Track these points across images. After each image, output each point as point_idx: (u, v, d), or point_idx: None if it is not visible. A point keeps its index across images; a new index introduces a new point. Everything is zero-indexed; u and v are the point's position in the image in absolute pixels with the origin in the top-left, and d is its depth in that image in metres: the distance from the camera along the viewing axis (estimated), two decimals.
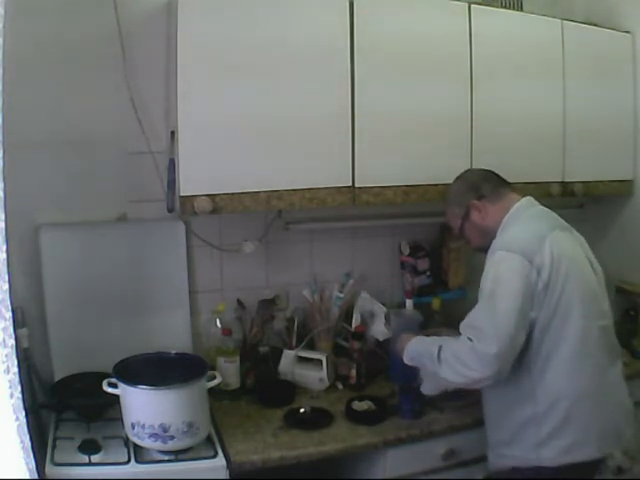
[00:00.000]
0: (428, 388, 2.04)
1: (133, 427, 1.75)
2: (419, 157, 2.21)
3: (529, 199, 1.97)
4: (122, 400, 1.78)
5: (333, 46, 2.06)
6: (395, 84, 2.15)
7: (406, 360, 1.95)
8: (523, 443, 1.82)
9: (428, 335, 2.01)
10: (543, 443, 1.78)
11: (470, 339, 1.73)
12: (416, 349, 1.93)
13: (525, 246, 1.77)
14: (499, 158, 2.32)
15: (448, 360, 1.77)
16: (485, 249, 1.92)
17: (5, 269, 1.24)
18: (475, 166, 2.29)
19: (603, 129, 2.57)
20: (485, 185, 1.98)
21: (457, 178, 2.08)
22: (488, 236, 1.93)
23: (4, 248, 1.24)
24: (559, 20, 2.43)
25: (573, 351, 1.76)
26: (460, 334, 1.79)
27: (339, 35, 2.06)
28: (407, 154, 2.20)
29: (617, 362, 1.88)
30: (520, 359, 1.76)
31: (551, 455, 1.77)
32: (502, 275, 1.77)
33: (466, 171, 2.11)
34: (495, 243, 1.87)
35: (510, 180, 2.35)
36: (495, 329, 1.70)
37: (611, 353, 1.86)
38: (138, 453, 1.78)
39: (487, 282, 1.80)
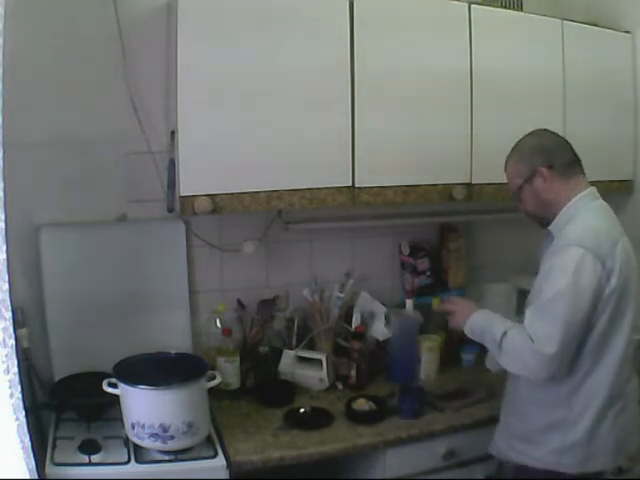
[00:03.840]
0: (491, 364, 2.04)
1: (133, 427, 1.75)
2: (419, 157, 2.21)
3: (594, 190, 1.84)
4: (122, 400, 1.78)
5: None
6: (396, 94, 2.15)
7: (466, 330, 1.87)
8: (545, 446, 1.78)
9: None
10: (566, 449, 1.75)
11: (532, 339, 1.67)
12: (480, 323, 1.84)
13: (599, 247, 1.68)
14: (499, 157, 2.31)
15: (509, 350, 1.73)
16: (537, 219, 1.87)
17: (5, 269, 1.24)
18: (475, 165, 2.29)
19: (603, 129, 2.57)
20: (559, 155, 1.81)
21: (531, 134, 1.88)
22: (545, 209, 1.82)
23: (4, 248, 1.24)
24: (559, 20, 2.43)
25: (615, 363, 1.74)
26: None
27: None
28: (407, 154, 2.19)
29: (634, 374, 1.85)
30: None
31: (571, 462, 1.75)
32: (577, 275, 1.66)
33: (543, 130, 1.89)
34: (567, 233, 1.74)
35: None
36: (559, 332, 1.64)
37: (633, 365, 1.84)
38: (138, 453, 1.78)
39: (559, 277, 1.68)
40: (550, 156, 1.80)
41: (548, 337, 1.65)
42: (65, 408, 1.95)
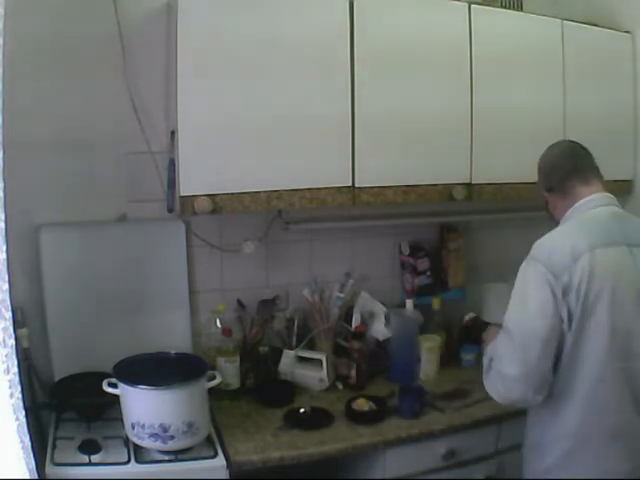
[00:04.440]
0: None
1: (133, 427, 1.75)
2: (419, 157, 2.21)
3: (604, 196, 1.74)
4: (122, 400, 1.78)
5: (333, 47, 2.06)
6: (395, 84, 2.15)
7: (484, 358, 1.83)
8: (527, 467, 1.77)
9: None
10: (540, 475, 1.70)
11: (496, 357, 1.65)
12: (487, 352, 1.79)
13: (552, 261, 1.59)
14: (499, 158, 2.32)
15: (491, 375, 1.69)
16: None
17: (5, 269, 1.24)
18: (475, 165, 2.29)
19: (603, 129, 2.56)
20: (554, 175, 1.79)
21: (543, 155, 1.87)
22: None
23: (4, 248, 1.24)
24: (559, 20, 2.43)
25: (584, 395, 1.60)
26: None
27: (339, 36, 2.06)
28: (407, 154, 2.20)
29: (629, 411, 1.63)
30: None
31: None
32: (525, 286, 1.63)
33: (548, 149, 1.87)
34: (535, 243, 1.70)
35: (510, 180, 2.37)
36: (517, 351, 1.58)
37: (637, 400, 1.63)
38: (138, 453, 1.78)
39: (513, 295, 1.66)
40: (548, 180, 1.81)
41: (509, 359, 1.60)
42: (65, 408, 1.95)
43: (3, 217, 1.24)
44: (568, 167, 1.78)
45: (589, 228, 1.67)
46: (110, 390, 1.79)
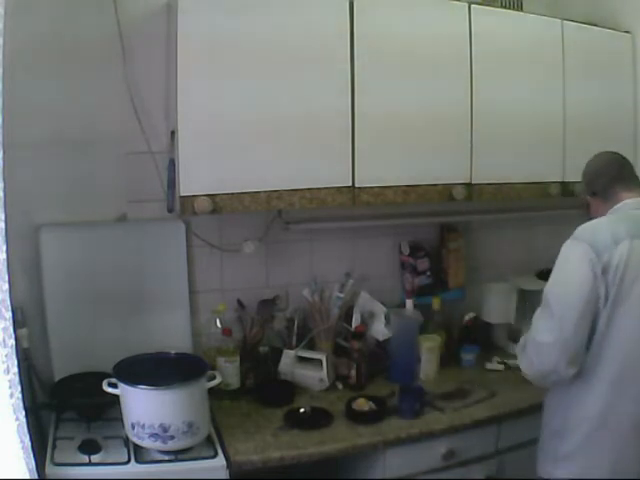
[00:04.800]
0: None
1: (133, 427, 1.75)
2: (419, 157, 2.21)
3: (634, 201, 1.82)
4: (122, 400, 1.78)
5: (333, 46, 2.06)
6: (395, 85, 2.15)
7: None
8: (546, 454, 1.79)
9: None
10: (560, 461, 1.75)
11: (533, 329, 1.73)
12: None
13: (595, 240, 1.68)
14: (499, 158, 2.32)
15: (525, 352, 1.78)
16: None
17: (5, 269, 1.24)
18: (475, 164, 2.29)
19: (603, 129, 2.56)
20: (597, 181, 1.88)
21: (589, 162, 1.96)
22: None
23: (4, 248, 1.24)
24: (559, 20, 2.43)
25: (609, 378, 1.67)
26: None
27: (339, 35, 2.06)
28: (407, 154, 2.20)
29: None
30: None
31: (565, 474, 1.73)
32: (567, 263, 1.72)
33: (596, 156, 1.96)
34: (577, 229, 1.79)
35: (510, 180, 2.37)
36: (555, 320, 1.67)
37: None
38: (138, 453, 1.78)
39: (554, 270, 1.76)
40: (592, 185, 1.90)
41: (546, 327, 1.68)
42: (65, 408, 1.95)
43: (3, 217, 1.24)
44: (612, 174, 1.87)
45: (628, 222, 1.75)
46: (110, 390, 1.79)
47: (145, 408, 1.74)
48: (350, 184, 2.13)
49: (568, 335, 1.65)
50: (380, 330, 2.40)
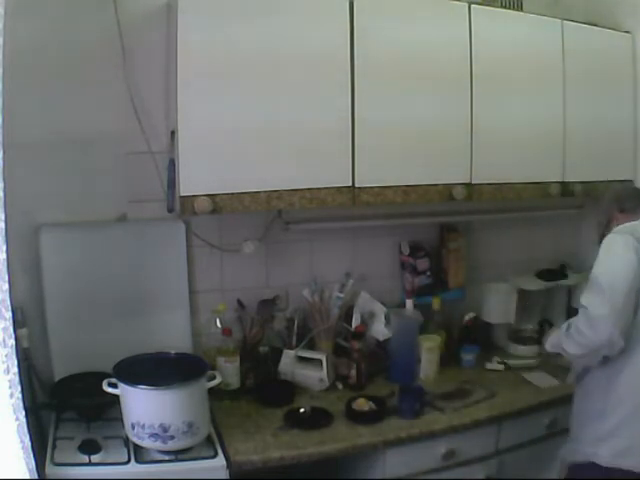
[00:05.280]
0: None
1: (133, 427, 1.75)
2: (419, 157, 2.21)
3: None
4: (122, 400, 1.78)
5: (334, 48, 2.06)
6: (396, 85, 2.15)
7: (547, 347, 2.10)
8: (585, 437, 1.87)
9: None
10: (601, 440, 1.83)
11: (584, 306, 1.83)
12: (554, 335, 2.05)
13: (636, 232, 1.86)
14: (499, 158, 2.32)
15: (571, 333, 1.88)
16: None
17: (5, 269, 1.24)
18: (475, 165, 2.30)
19: (603, 129, 2.57)
20: (629, 200, 2.06)
21: (616, 187, 2.27)
22: None
23: (4, 248, 1.24)
24: (559, 20, 2.43)
25: None
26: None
27: (339, 41, 2.06)
28: (407, 154, 2.19)
29: None
30: None
31: (607, 454, 1.81)
32: (613, 250, 1.86)
33: (620, 186, 2.32)
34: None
35: (510, 180, 2.37)
36: (606, 296, 1.78)
37: None
38: (138, 453, 1.78)
39: (600, 256, 1.88)
40: (622, 202, 2.05)
41: (598, 302, 1.80)
42: (65, 408, 1.95)
43: (3, 217, 1.24)
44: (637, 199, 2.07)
45: None
46: (110, 390, 1.79)
47: (145, 408, 1.74)
48: (350, 184, 2.13)
49: (619, 306, 1.77)
50: (380, 330, 2.40)
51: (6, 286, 1.23)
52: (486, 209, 2.62)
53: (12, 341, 1.25)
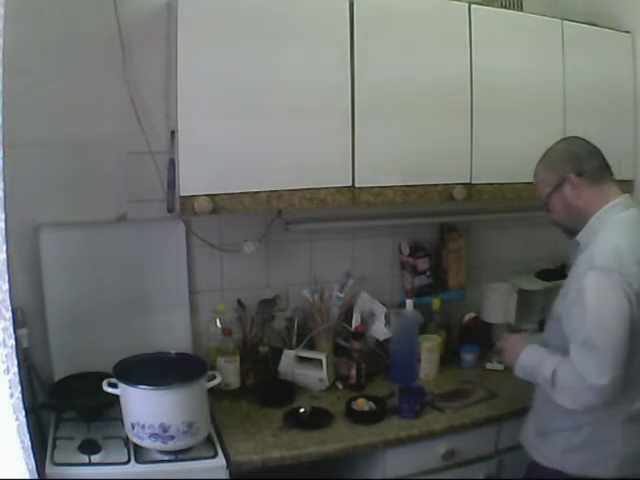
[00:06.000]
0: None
1: (133, 427, 1.75)
2: (419, 157, 2.21)
3: (627, 198, 1.81)
4: (122, 400, 1.78)
5: (334, 49, 2.06)
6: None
7: (516, 372, 1.87)
8: (553, 444, 1.81)
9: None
10: (571, 451, 1.77)
11: (581, 373, 1.65)
12: (529, 363, 1.82)
13: (623, 268, 1.64)
14: (499, 157, 2.32)
15: (563, 388, 1.70)
16: (565, 228, 1.85)
17: (5, 269, 1.24)
18: (475, 164, 2.29)
19: (603, 129, 2.56)
20: (590, 162, 1.79)
21: (561, 141, 1.89)
22: (574, 217, 1.80)
23: (4, 248, 1.24)
24: (559, 20, 2.43)
25: (628, 378, 1.68)
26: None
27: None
28: (407, 154, 2.19)
29: None
30: None
31: (575, 464, 1.76)
32: (603, 298, 1.65)
33: (573, 137, 1.88)
34: (592, 252, 1.71)
35: (510, 180, 2.37)
36: (608, 362, 1.62)
37: None
38: (138, 453, 1.78)
39: (590, 305, 1.66)
40: (581, 163, 1.79)
41: (599, 370, 1.63)
42: (65, 408, 1.95)
43: (3, 217, 1.24)
44: (603, 160, 1.83)
45: (636, 232, 1.74)
46: (110, 390, 1.79)
47: (145, 408, 1.74)
48: (350, 184, 2.13)
49: (620, 372, 1.63)
50: (380, 330, 2.40)
51: (6, 286, 1.23)
52: (486, 209, 2.62)
53: (12, 341, 1.25)
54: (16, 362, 1.27)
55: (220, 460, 1.79)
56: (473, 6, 2.24)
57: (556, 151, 1.86)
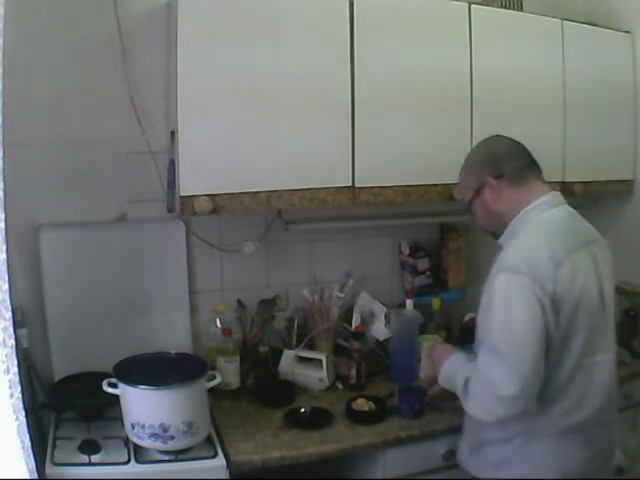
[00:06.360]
0: None
1: (133, 427, 1.75)
2: (419, 157, 2.21)
3: (555, 195, 1.72)
4: (122, 400, 1.78)
5: (334, 49, 2.06)
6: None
7: (440, 380, 1.81)
8: (486, 457, 1.72)
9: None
10: (503, 463, 1.68)
11: (488, 380, 1.57)
12: (449, 372, 1.75)
13: (536, 271, 1.54)
14: None
15: (474, 397, 1.62)
16: (490, 232, 1.78)
17: (5, 269, 1.24)
18: None
19: (603, 129, 2.57)
20: (508, 163, 1.70)
21: (481, 143, 1.82)
22: (496, 221, 1.74)
23: (4, 248, 1.24)
24: (559, 20, 2.43)
25: (558, 387, 1.61)
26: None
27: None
28: (407, 154, 2.19)
29: (612, 399, 1.71)
30: None
31: (509, 477, 1.66)
32: (510, 303, 1.56)
33: (494, 137, 1.80)
34: (505, 254, 1.64)
35: None
36: (514, 371, 1.52)
37: (610, 388, 1.69)
38: (138, 453, 1.78)
39: (498, 311, 1.58)
40: (499, 165, 1.71)
41: (506, 379, 1.53)
42: (65, 408, 1.95)
43: (3, 217, 1.24)
44: (526, 158, 1.73)
45: (557, 232, 1.65)
46: (110, 390, 1.79)
47: (145, 408, 1.74)
48: (350, 184, 2.13)
49: (529, 382, 1.53)
50: (380, 330, 2.40)
51: (6, 286, 1.23)
52: None
53: (12, 341, 1.25)
54: (16, 362, 1.27)
55: (220, 460, 1.79)
56: (473, 6, 2.24)
57: (475, 154, 1.80)
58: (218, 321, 2.24)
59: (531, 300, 1.53)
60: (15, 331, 1.28)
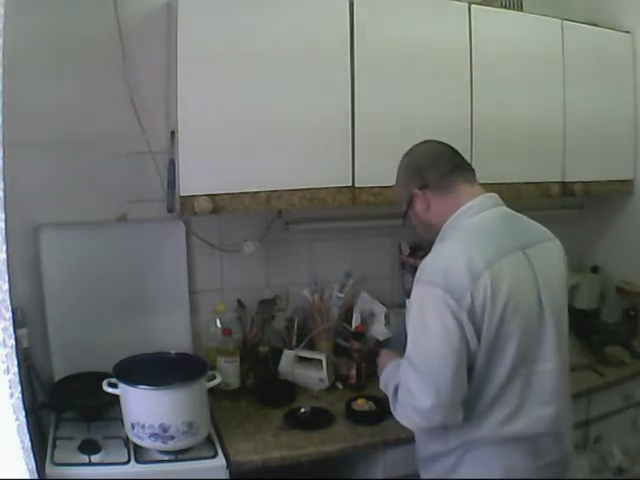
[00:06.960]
0: None
1: (133, 427, 1.75)
2: None
3: (489, 197, 1.64)
4: (122, 400, 1.78)
5: (333, 47, 2.06)
6: (395, 85, 2.15)
7: (380, 385, 1.75)
8: (433, 471, 1.68)
9: None
10: (450, 475, 1.62)
11: (408, 388, 1.51)
12: (387, 376, 1.70)
13: (451, 284, 1.46)
14: (499, 158, 2.32)
15: (400, 406, 1.57)
16: (431, 241, 1.71)
17: (5, 269, 1.24)
18: (474, 164, 2.27)
19: (603, 129, 2.57)
20: (430, 172, 1.64)
21: (406, 153, 1.74)
22: (431, 230, 1.68)
23: (4, 248, 1.24)
24: (559, 20, 2.43)
25: (492, 397, 1.54)
26: None
27: (339, 37, 2.06)
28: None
29: (564, 405, 1.61)
30: None
31: None
32: (424, 315, 1.50)
33: (419, 145, 1.73)
34: (423, 264, 1.57)
35: (510, 180, 2.36)
36: (429, 383, 1.47)
37: (555, 398, 1.58)
38: (138, 453, 1.78)
39: (413, 323, 1.54)
40: (422, 175, 1.65)
41: (421, 390, 1.48)
42: (65, 408, 1.95)
43: (3, 217, 1.24)
44: (449, 163, 1.66)
45: (481, 239, 1.56)
46: (110, 390, 1.79)
47: (145, 408, 1.74)
48: (350, 184, 2.14)
49: (446, 395, 1.46)
50: (380, 330, 2.40)
51: (6, 286, 1.23)
52: None
53: (12, 341, 1.25)
54: (16, 362, 1.27)
55: (220, 460, 1.79)
56: (473, 6, 2.25)
57: (401, 167, 1.75)
58: (218, 321, 2.24)
59: (445, 314, 1.46)
60: (15, 331, 1.28)
